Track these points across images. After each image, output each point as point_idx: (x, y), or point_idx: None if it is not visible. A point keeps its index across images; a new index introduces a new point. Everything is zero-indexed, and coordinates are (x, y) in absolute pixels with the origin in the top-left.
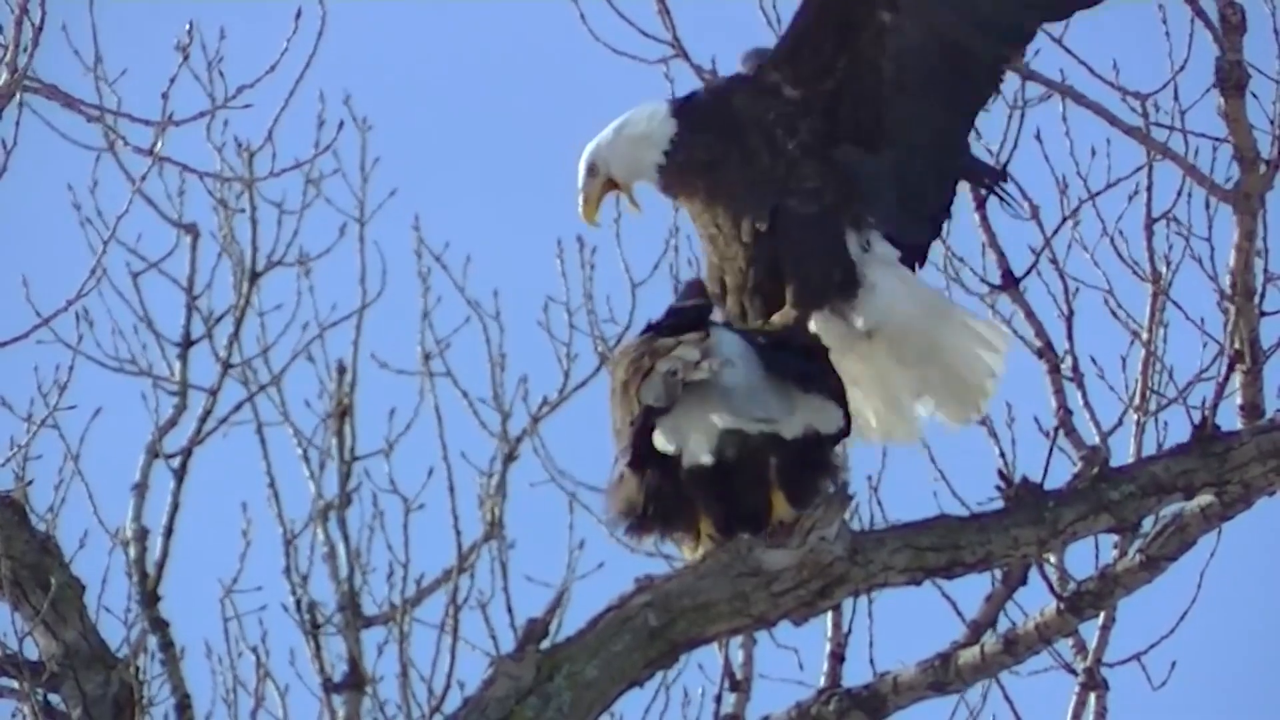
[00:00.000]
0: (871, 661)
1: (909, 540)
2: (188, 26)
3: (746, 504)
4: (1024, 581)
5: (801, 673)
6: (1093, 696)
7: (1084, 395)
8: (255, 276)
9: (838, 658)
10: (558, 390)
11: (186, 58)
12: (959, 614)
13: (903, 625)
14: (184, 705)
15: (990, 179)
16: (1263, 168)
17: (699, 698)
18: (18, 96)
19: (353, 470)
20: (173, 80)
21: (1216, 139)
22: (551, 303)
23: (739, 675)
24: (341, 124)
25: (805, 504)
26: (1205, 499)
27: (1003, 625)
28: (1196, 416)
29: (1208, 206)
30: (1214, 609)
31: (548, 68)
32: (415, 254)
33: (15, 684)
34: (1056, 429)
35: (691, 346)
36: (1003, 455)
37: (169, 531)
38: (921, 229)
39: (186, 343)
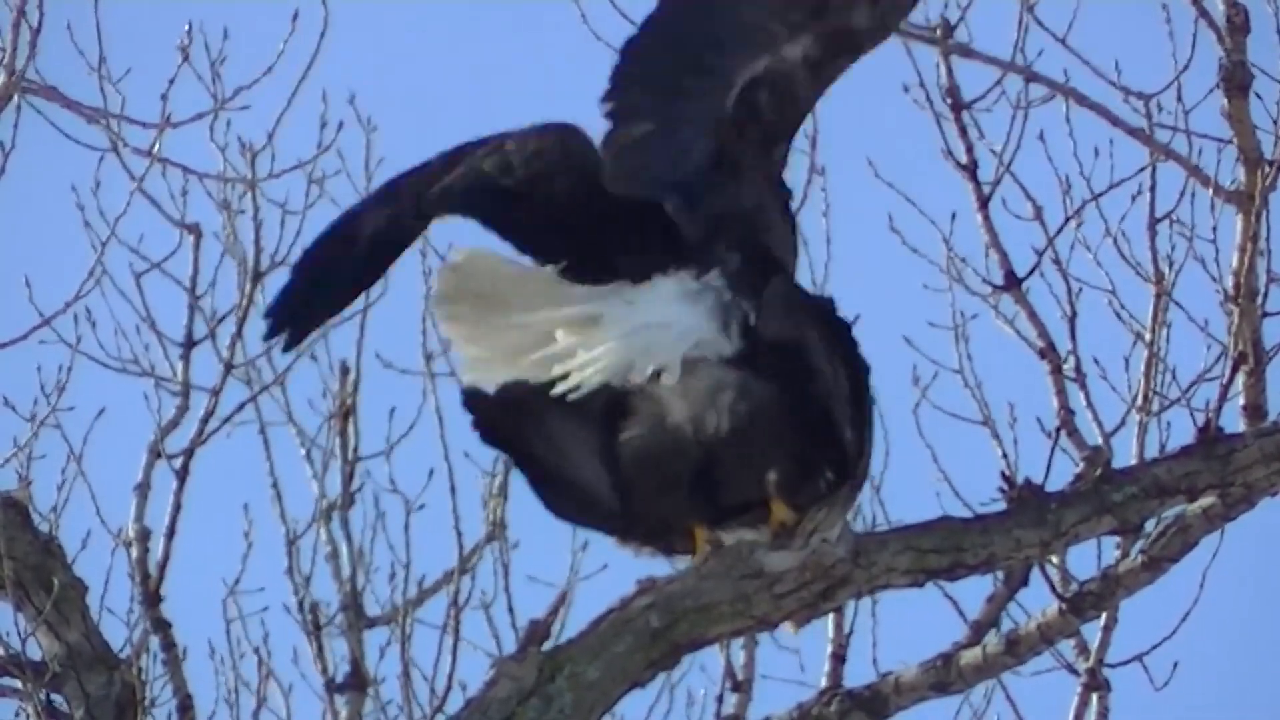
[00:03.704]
0: (874, 662)
1: (911, 542)
2: (187, 27)
3: (737, 498)
4: (1026, 582)
5: (803, 673)
6: (1095, 697)
7: (1086, 396)
8: (258, 276)
9: (839, 658)
10: None
11: (187, 58)
12: (961, 614)
13: (904, 626)
14: (186, 706)
15: None
16: (1266, 169)
17: (701, 698)
18: (16, 99)
19: (355, 471)
20: (172, 81)
21: (1220, 140)
22: None
23: (741, 676)
24: (342, 124)
25: (803, 505)
26: (1207, 500)
27: (1005, 626)
28: (1199, 418)
29: (1211, 207)
30: (1216, 609)
31: (550, 67)
32: (419, 253)
33: (18, 684)
34: (1058, 429)
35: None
36: (1005, 456)
37: (171, 532)
38: None
39: (189, 343)
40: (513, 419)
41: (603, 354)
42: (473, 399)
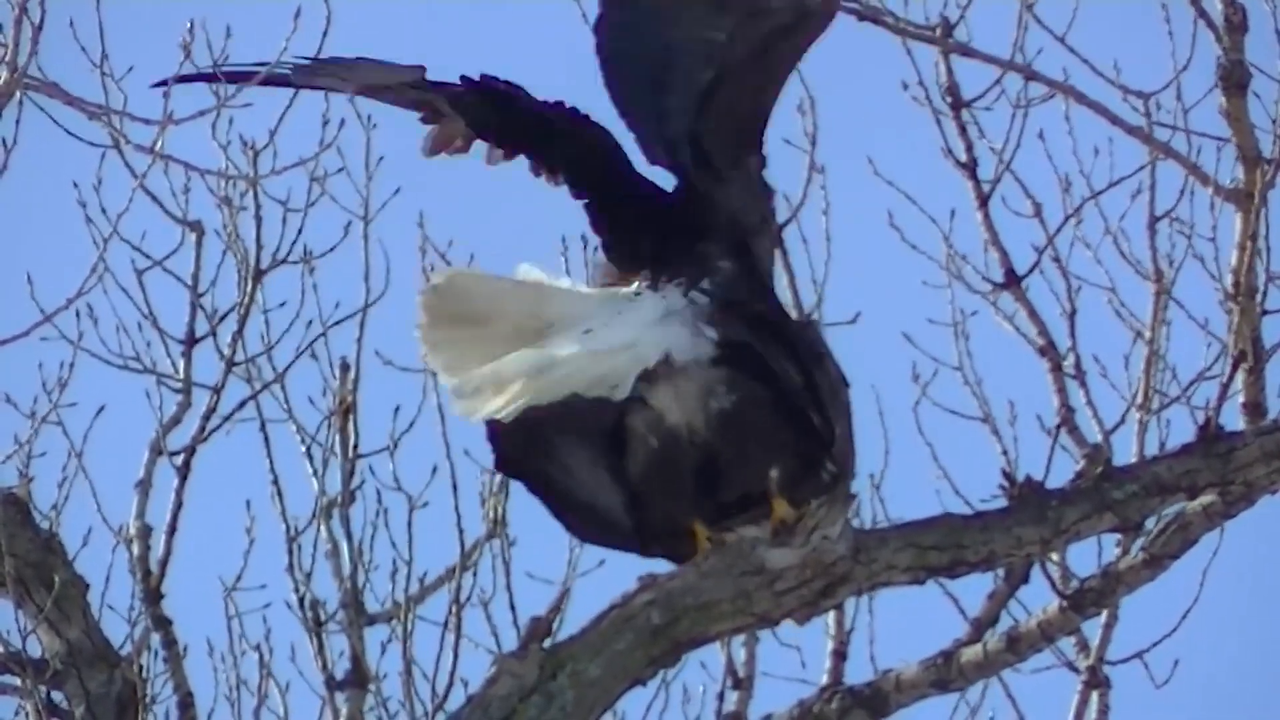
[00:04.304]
0: (873, 659)
1: (912, 539)
2: (189, 25)
3: (738, 493)
4: (1026, 579)
5: (804, 670)
6: (1095, 694)
7: (1086, 393)
8: (259, 274)
9: (840, 655)
10: None
11: (189, 56)
12: (961, 612)
13: (905, 623)
14: (186, 703)
15: None
16: (1265, 167)
17: (701, 695)
18: (17, 95)
19: (356, 468)
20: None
21: (1219, 138)
22: None
23: (741, 673)
24: (343, 122)
25: (800, 501)
26: (1208, 498)
27: (1005, 623)
28: (1199, 416)
29: (1211, 206)
30: (1216, 607)
31: (550, 66)
32: (420, 251)
33: (18, 682)
34: (1059, 427)
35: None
36: (1005, 453)
37: (172, 529)
38: None
39: (190, 340)
40: (528, 448)
41: (573, 369)
42: (493, 431)
